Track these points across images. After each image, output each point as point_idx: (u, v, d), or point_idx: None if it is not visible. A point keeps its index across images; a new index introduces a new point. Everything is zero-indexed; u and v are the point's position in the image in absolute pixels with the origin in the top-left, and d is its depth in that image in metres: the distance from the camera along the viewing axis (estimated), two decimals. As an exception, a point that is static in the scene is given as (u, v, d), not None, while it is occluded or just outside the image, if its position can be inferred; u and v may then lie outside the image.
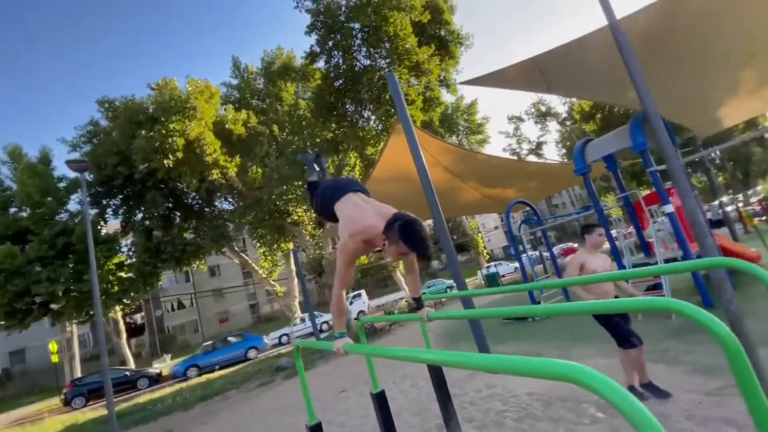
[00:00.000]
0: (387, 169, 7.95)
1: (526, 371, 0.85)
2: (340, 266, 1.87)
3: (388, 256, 1.82)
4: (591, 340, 5.28)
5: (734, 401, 2.73)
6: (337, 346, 1.87)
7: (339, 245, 1.92)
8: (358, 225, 1.88)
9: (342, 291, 1.92)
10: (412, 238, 1.63)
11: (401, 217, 1.70)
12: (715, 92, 6.77)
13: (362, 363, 8.22)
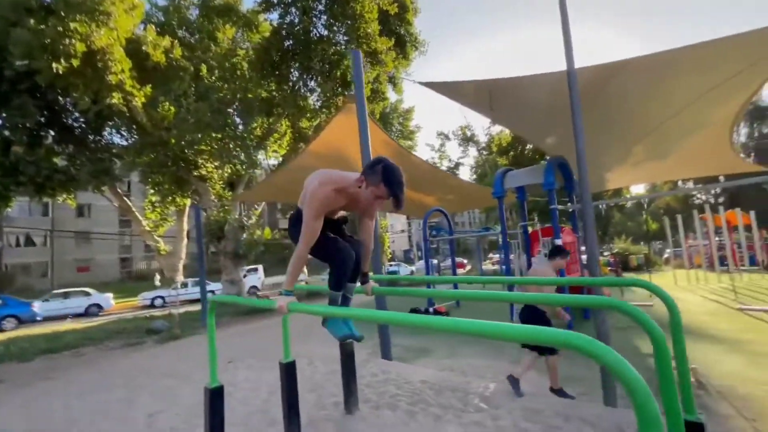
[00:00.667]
0: (324, 144, 7.72)
1: (538, 338, 0.91)
2: (309, 219, 1.74)
3: (363, 202, 1.79)
4: (474, 344, 5.89)
5: (594, 405, 3.32)
6: (280, 303, 1.76)
7: (307, 197, 1.78)
8: (328, 175, 1.83)
9: (307, 248, 1.78)
10: (394, 181, 1.64)
11: (384, 160, 1.70)
12: (609, 156, 8.11)
13: (251, 334, 7.87)
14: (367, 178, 1.69)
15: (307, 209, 1.76)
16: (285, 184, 9.04)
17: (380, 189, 1.66)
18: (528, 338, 0.91)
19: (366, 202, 1.77)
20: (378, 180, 1.66)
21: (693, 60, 4.44)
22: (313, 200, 1.75)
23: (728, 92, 5.05)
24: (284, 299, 1.76)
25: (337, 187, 1.77)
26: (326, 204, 1.78)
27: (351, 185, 1.76)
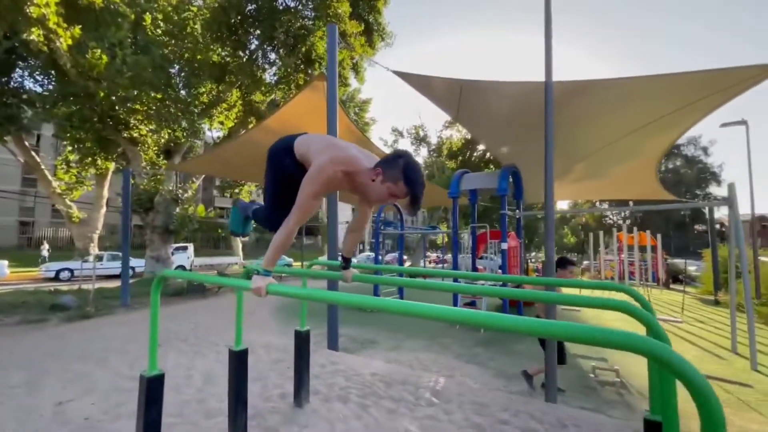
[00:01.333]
0: (281, 121, 7.26)
1: (597, 340, 0.83)
2: (307, 197, 1.53)
3: (373, 196, 1.59)
4: (419, 338, 5.97)
5: (536, 401, 3.48)
6: (258, 283, 1.53)
7: (310, 172, 1.54)
8: (342, 151, 1.60)
9: (297, 227, 1.58)
10: (417, 181, 1.47)
11: (406, 155, 1.51)
12: (554, 171, 8.69)
13: (179, 317, 7.20)
14: (384, 172, 1.49)
15: (309, 184, 1.53)
16: (232, 158, 8.39)
17: (398, 187, 1.47)
18: (584, 339, 0.83)
19: (377, 198, 1.57)
20: (397, 177, 1.46)
21: (642, 91, 4.84)
22: (319, 176, 1.53)
23: (665, 126, 5.62)
24: (262, 280, 1.53)
25: (348, 170, 1.57)
26: (331, 185, 1.59)
27: (363, 173, 1.56)
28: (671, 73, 4.17)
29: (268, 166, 1.86)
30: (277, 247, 1.58)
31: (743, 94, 4.14)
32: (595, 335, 0.81)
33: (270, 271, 1.58)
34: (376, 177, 1.51)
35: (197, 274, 3.69)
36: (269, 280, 1.55)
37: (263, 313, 7.96)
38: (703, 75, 4.03)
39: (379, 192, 1.52)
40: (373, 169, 1.53)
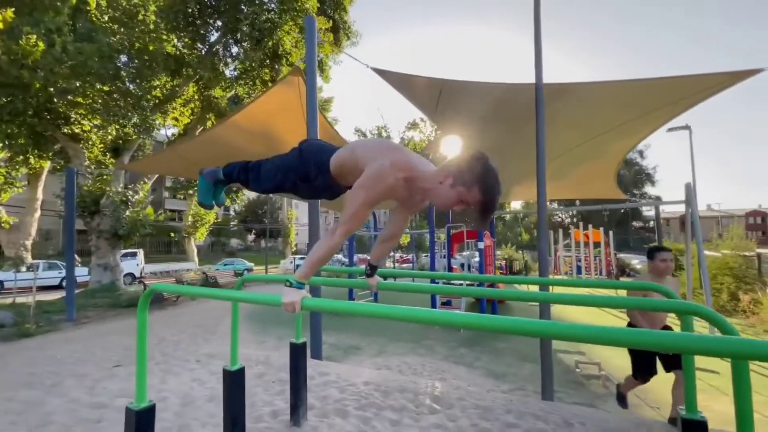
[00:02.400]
0: (250, 117, 6.85)
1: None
2: (361, 206, 1.33)
3: (437, 202, 1.38)
4: (402, 341, 5.87)
5: (533, 400, 3.48)
6: (291, 297, 1.32)
7: (366, 177, 1.34)
8: (403, 155, 1.40)
9: (344, 239, 1.38)
10: (493, 188, 1.27)
11: (485, 157, 1.29)
12: (521, 171, 8.97)
13: (134, 333, 6.53)
14: (457, 175, 1.29)
15: (363, 192, 1.33)
16: (194, 156, 7.81)
17: (472, 194, 1.27)
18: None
19: (442, 203, 1.35)
20: (473, 182, 1.26)
21: (615, 95, 5.07)
22: (378, 183, 1.33)
23: (631, 129, 5.95)
24: (296, 293, 1.32)
25: (409, 176, 1.37)
26: (388, 193, 1.36)
27: (425, 179, 1.37)
28: (643, 79, 4.40)
29: (296, 155, 1.67)
30: (318, 259, 1.38)
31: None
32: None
33: (303, 284, 1.37)
34: (445, 180, 1.31)
35: (195, 288, 3.09)
36: (303, 294, 1.34)
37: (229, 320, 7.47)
38: (671, 81, 4.28)
39: (447, 197, 1.32)
40: (442, 170, 1.34)
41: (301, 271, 1.38)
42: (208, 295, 1.87)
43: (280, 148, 7.14)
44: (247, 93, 10.99)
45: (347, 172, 1.54)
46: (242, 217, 39.21)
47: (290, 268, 24.22)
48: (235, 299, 1.53)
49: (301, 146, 1.71)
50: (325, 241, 1.38)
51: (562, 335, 0.96)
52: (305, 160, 1.63)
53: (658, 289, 1.78)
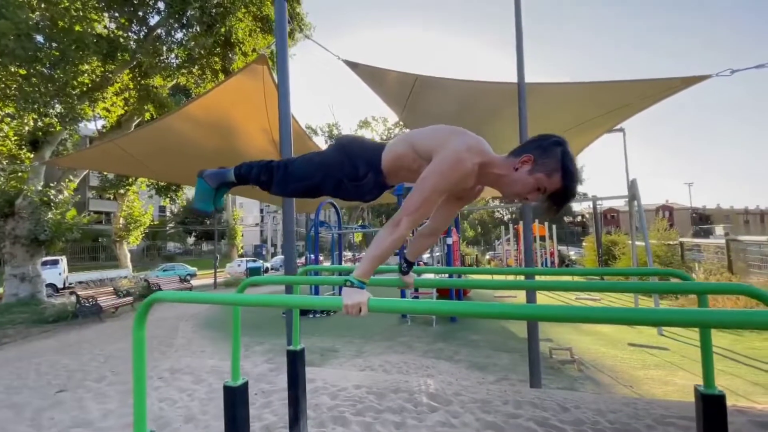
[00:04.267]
0: (208, 108, 6.30)
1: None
2: (435, 190, 1.21)
3: (511, 190, 1.28)
4: (377, 340, 5.77)
5: (523, 388, 3.57)
6: (354, 298, 1.15)
7: (440, 160, 1.22)
8: (475, 139, 1.28)
9: (411, 229, 1.24)
10: (575, 174, 1.20)
11: (564, 142, 1.22)
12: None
13: (76, 351, 5.72)
14: (537, 160, 1.20)
15: (437, 176, 1.21)
16: (137, 149, 7.02)
17: (552, 181, 1.19)
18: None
19: (517, 191, 1.26)
20: (554, 168, 1.18)
21: (576, 96, 5.40)
22: (455, 168, 1.20)
23: (589, 128, 6.38)
24: (359, 294, 1.16)
25: (484, 161, 1.25)
26: (462, 181, 1.24)
27: (499, 164, 1.27)
28: (602, 81, 4.72)
29: (337, 152, 1.50)
30: (382, 254, 1.23)
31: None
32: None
33: (365, 283, 1.22)
34: (522, 165, 1.23)
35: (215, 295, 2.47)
36: (368, 294, 1.19)
37: (186, 331, 6.86)
38: (628, 84, 4.65)
39: (524, 184, 1.23)
40: (518, 155, 1.25)
41: (363, 269, 1.22)
42: (241, 302, 1.61)
43: (238, 140, 6.76)
44: (194, 83, 10.12)
45: (404, 168, 1.43)
46: (181, 218, 36.34)
47: (238, 271, 22.93)
48: (284, 304, 1.33)
49: (342, 142, 1.56)
50: (387, 233, 1.24)
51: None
52: (352, 157, 1.47)
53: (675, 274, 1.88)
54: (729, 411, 1.73)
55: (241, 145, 7.57)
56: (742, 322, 0.91)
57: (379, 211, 27.34)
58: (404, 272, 1.73)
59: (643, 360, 4.60)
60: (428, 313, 1.17)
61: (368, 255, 1.24)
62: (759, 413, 2.90)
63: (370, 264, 1.23)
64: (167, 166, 8.08)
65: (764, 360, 4.39)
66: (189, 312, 8.71)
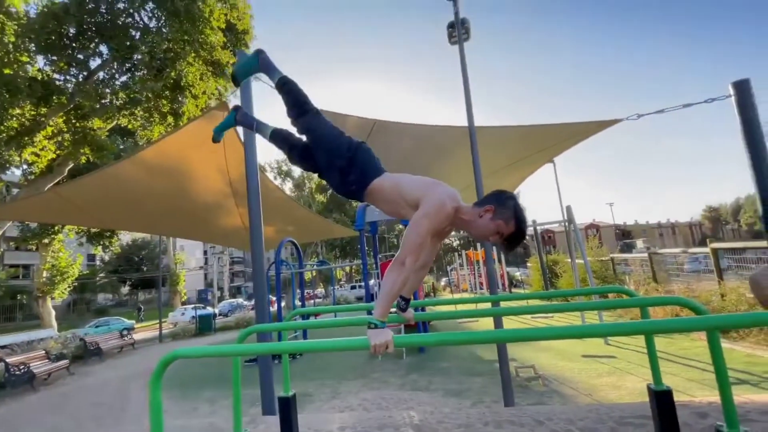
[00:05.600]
0: (163, 154, 6.17)
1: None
2: (426, 233, 1.47)
3: (476, 232, 1.60)
4: (350, 379, 5.73)
5: (498, 408, 3.79)
6: (381, 339, 1.33)
7: (427, 207, 1.50)
8: (450, 189, 1.60)
9: (414, 265, 1.47)
10: (525, 220, 1.55)
11: (515, 196, 1.60)
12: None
13: (14, 428, 4.95)
14: (497, 210, 1.53)
15: (426, 220, 1.48)
16: (79, 198, 6.59)
17: (509, 226, 1.52)
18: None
19: (482, 234, 1.58)
20: (509, 216, 1.51)
21: (513, 137, 6.11)
22: (439, 212, 1.50)
23: (524, 164, 7.16)
24: (383, 333, 1.33)
25: (457, 206, 1.57)
26: (444, 222, 1.55)
27: (467, 212, 1.59)
28: (534, 125, 5.45)
29: (348, 149, 1.80)
30: (394, 292, 1.44)
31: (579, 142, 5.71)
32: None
33: (385, 323, 1.40)
34: (485, 214, 1.55)
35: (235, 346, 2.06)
36: (390, 332, 1.37)
37: (138, 392, 6.27)
38: (557, 127, 5.41)
39: (487, 228, 1.55)
40: (482, 205, 1.57)
41: (381, 310, 1.41)
42: (258, 351, 1.68)
43: (192, 183, 6.73)
44: (140, 125, 9.75)
45: (382, 199, 1.75)
46: (113, 266, 33.12)
47: (182, 320, 21.23)
48: (311, 349, 1.42)
49: (362, 146, 1.81)
50: (395, 273, 1.46)
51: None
52: (355, 161, 1.75)
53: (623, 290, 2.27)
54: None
55: (195, 186, 7.42)
56: (679, 327, 1.23)
57: (333, 245, 27.19)
58: (402, 309, 1.92)
59: (596, 369, 5.07)
60: (449, 344, 1.38)
61: (382, 296, 1.44)
62: (698, 405, 3.38)
63: (387, 303, 1.43)
64: (114, 212, 7.63)
65: (694, 358, 5.06)
66: (135, 371, 7.97)
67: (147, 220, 8.30)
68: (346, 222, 22.00)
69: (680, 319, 1.22)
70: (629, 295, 2.20)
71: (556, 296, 2.87)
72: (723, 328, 1.19)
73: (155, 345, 13.65)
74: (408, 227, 1.51)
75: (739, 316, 1.17)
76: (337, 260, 29.03)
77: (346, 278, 41.68)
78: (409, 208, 1.64)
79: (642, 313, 2.11)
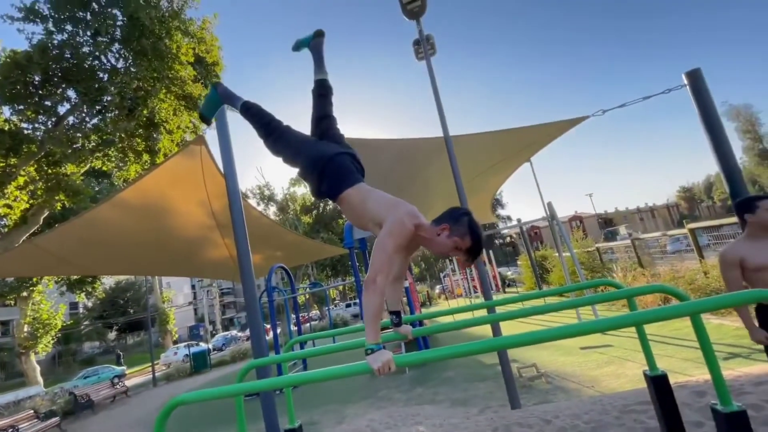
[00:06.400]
0: (143, 193, 6.08)
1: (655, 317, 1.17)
2: (393, 249, 1.52)
3: (436, 249, 1.65)
4: (355, 402, 5.64)
5: (506, 411, 3.79)
6: (381, 361, 1.34)
7: (390, 226, 1.55)
8: (409, 206, 1.66)
9: (385, 283, 1.50)
10: (481, 235, 1.63)
11: (469, 212, 1.67)
12: (419, 205, 9.93)
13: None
14: (452, 227, 1.60)
15: (391, 239, 1.53)
16: (57, 247, 6.42)
17: (465, 241, 1.59)
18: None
19: (440, 250, 1.65)
20: (465, 232, 1.59)
21: (490, 142, 6.28)
22: (401, 230, 1.55)
23: (502, 168, 7.34)
24: (382, 354, 1.35)
25: (418, 224, 1.62)
26: (407, 239, 1.60)
27: (427, 228, 1.65)
28: (512, 128, 5.62)
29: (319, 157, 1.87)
30: (377, 313, 1.47)
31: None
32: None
33: (380, 344, 1.43)
34: (442, 232, 1.61)
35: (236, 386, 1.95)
36: (389, 352, 1.40)
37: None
38: (530, 128, 5.59)
39: (445, 245, 1.62)
40: (439, 224, 1.63)
41: (372, 334, 1.43)
42: (260, 388, 1.66)
43: (174, 219, 6.66)
44: (115, 166, 9.59)
45: (349, 209, 1.82)
46: (98, 312, 31.94)
47: (175, 360, 20.55)
48: (314, 379, 1.42)
49: (334, 158, 1.85)
50: (370, 294, 1.48)
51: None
52: (325, 174, 1.83)
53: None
54: (672, 387, 2.15)
55: (178, 222, 7.31)
56: (665, 315, 1.30)
57: (324, 265, 26.94)
58: (397, 324, 1.95)
59: (595, 360, 5.15)
60: (449, 358, 1.41)
61: (367, 320, 1.46)
62: (695, 384, 3.47)
63: (374, 325, 1.45)
64: (95, 257, 7.42)
65: (686, 338, 5.19)
66: (131, 421, 7.66)
67: (130, 262, 8.11)
68: (335, 240, 21.89)
69: (665, 308, 1.28)
70: (616, 287, 2.28)
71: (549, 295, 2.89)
72: (704, 312, 1.26)
73: (149, 390, 13.16)
74: (374, 247, 1.56)
75: (718, 299, 1.24)
76: (329, 280, 28.76)
77: (340, 297, 41.21)
78: (373, 224, 1.73)
79: (629, 302, 2.19)
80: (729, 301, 1.29)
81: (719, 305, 1.30)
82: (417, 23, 4.15)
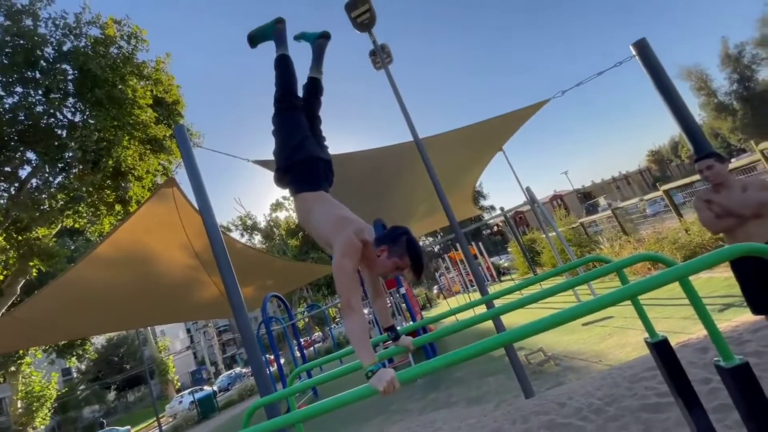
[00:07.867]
0: (119, 245, 5.90)
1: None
2: (352, 270, 1.54)
3: (378, 270, 1.71)
4: (369, 419, 5.54)
5: (520, 401, 3.78)
6: (383, 380, 1.32)
7: (338, 247, 1.58)
8: (357, 224, 1.70)
9: (360, 303, 1.51)
10: (420, 252, 1.63)
11: (405, 230, 1.68)
12: (403, 213, 9.97)
13: None
14: (390, 248, 1.61)
15: (347, 260, 1.54)
16: (38, 315, 6.16)
17: (405, 261, 1.61)
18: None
19: (382, 271, 1.67)
20: (402, 252, 1.60)
21: (459, 139, 6.36)
22: (351, 250, 1.57)
23: (475, 162, 7.44)
24: (384, 373, 1.32)
25: (364, 240, 1.63)
26: (359, 256, 1.61)
27: (370, 249, 1.66)
28: (479, 122, 5.71)
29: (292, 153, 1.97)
30: (362, 336, 1.47)
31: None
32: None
33: (378, 364, 1.40)
34: (382, 253, 1.62)
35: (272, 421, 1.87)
36: (390, 371, 1.37)
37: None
38: (497, 119, 5.70)
39: (386, 266, 1.63)
40: (378, 246, 1.64)
41: (364, 356, 1.41)
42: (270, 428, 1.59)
43: (157, 265, 6.49)
44: (87, 221, 9.29)
45: (299, 207, 1.94)
46: (93, 374, 30.64)
47: (181, 409, 19.88)
48: (323, 410, 1.37)
49: (305, 162, 1.94)
50: (350, 318, 1.49)
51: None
52: (288, 170, 1.95)
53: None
54: (675, 348, 2.17)
55: (161, 269, 7.13)
56: (656, 284, 1.31)
57: (318, 285, 26.61)
58: (395, 339, 1.92)
59: (598, 334, 5.20)
60: (453, 363, 1.38)
61: (355, 344, 1.46)
62: (697, 341, 3.54)
63: (364, 347, 1.44)
64: (80, 319, 7.15)
65: (681, 296, 5.30)
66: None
67: (118, 318, 7.84)
68: (325, 259, 21.70)
69: (656, 276, 1.30)
70: (605, 262, 2.31)
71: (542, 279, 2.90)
72: (692, 274, 1.30)
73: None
74: (334, 272, 1.56)
75: (702, 260, 1.26)
76: (327, 299, 28.43)
77: (341, 314, 40.72)
78: (324, 242, 1.78)
79: (619, 274, 2.22)
80: (713, 260, 1.31)
81: (704, 266, 1.31)
82: (369, 34, 4.19)
